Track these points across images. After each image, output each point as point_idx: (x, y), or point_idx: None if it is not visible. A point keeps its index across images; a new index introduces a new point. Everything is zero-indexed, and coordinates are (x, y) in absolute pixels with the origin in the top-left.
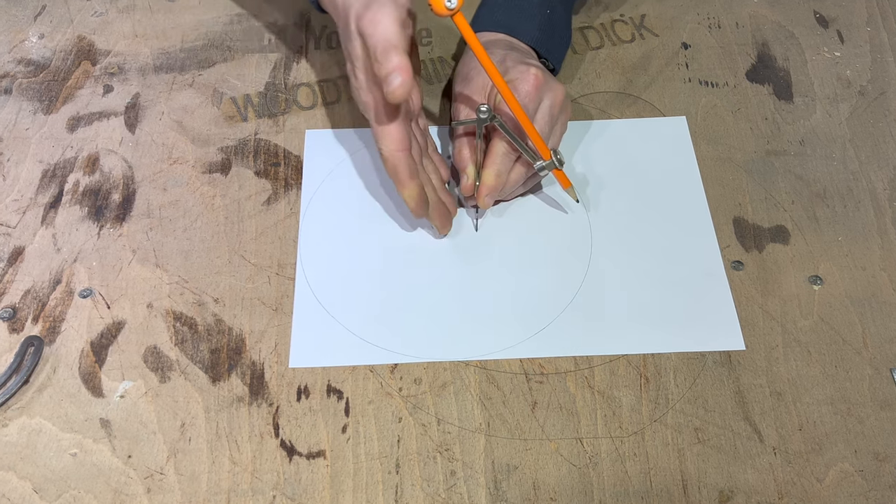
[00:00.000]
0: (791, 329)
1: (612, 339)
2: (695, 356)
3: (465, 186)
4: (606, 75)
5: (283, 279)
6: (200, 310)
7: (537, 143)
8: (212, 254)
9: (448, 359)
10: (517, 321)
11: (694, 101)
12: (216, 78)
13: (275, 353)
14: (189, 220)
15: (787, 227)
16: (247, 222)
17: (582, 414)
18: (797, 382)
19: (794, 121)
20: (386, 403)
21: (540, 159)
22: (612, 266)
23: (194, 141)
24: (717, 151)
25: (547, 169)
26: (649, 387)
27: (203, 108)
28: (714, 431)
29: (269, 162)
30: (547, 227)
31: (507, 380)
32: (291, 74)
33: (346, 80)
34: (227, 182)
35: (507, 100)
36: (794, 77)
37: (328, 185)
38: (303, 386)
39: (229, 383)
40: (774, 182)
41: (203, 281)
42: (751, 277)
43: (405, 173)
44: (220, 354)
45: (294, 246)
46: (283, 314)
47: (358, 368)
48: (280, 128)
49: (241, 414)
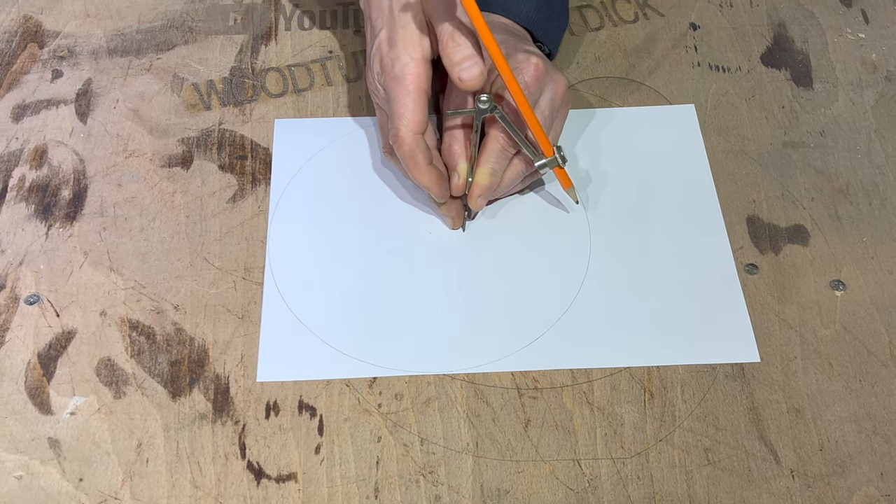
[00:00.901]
0: (811, 339)
1: (613, 350)
2: (704, 369)
3: (457, 185)
4: (607, 59)
5: (251, 284)
6: (159, 318)
7: (540, 138)
8: (171, 256)
9: (432, 372)
10: (508, 330)
11: (703, 87)
12: (176, 62)
13: (241, 365)
14: (146, 218)
15: (806, 227)
16: (210, 221)
17: (580, 433)
18: (817, 398)
19: (813, 109)
20: (364, 421)
21: (541, 156)
22: (613, 270)
23: (152, 132)
24: (729, 143)
25: (548, 167)
26: (654, 403)
27: (162, 96)
28: (726, 452)
29: (234, 155)
30: (541, 227)
31: (497, 395)
32: (259, 58)
33: (321, 64)
34: (189, 177)
35: (512, 91)
36: (813, 61)
37: (300, 180)
38: (272, 402)
39: (191, 399)
40: (792, 177)
41: (162, 286)
42: (766, 282)
43: (424, 157)
44: (180, 367)
45: (262, 247)
46: (251, 323)
47: (333, 383)
48: (247, 117)
49: (204, 433)
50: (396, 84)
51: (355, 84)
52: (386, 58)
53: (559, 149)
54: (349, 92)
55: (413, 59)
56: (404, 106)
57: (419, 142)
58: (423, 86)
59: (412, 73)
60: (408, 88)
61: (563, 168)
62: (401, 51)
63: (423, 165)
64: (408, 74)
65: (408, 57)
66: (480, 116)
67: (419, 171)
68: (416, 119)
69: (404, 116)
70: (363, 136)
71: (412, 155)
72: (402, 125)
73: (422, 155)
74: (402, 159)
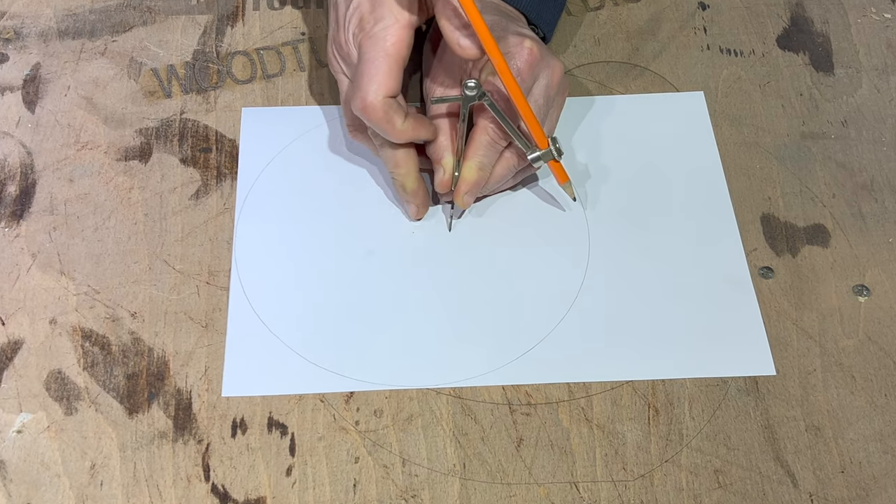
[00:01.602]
0: (831, 350)
1: (613, 362)
2: (714, 383)
3: (442, 181)
4: (608, 42)
5: (215, 289)
6: (114, 326)
7: (534, 128)
8: (128, 258)
9: (415, 386)
10: (499, 340)
11: (713, 73)
12: (133, 45)
13: (205, 378)
14: (101, 217)
15: (826, 226)
16: (171, 220)
17: (577, 453)
18: (839, 414)
19: (835, 97)
20: (340, 440)
21: (535, 148)
22: (614, 274)
23: (107, 122)
24: (742, 134)
25: (542, 160)
26: (659, 420)
27: (117, 82)
28: (738, 474)
29: (197, 147)
30: (535, 227)
31: (486, 411)
32: (225, 41)
33: (293, 47)
34: (147, 171)
35: (502, 75)
36: (835, 44)
37: (270, 174)
38: (239, 419)
39: (149, 416)
40: (811, 171)
41: (118, 291)
42: (782, 287)
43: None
44: (138, 381)
45: (228, 249)
46: (215, 332)
47: (306, 398)
48: (211, 106)
49: (164, 453)
50: (374, 44)
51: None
52: (368, 16)
53: (554, 140)
54: (324, 78)
55: (398, 21)
56: (377, 67)
57: (392, 104)
58: (403, 53)
59: (394, 36)
60: (386, 50)
61: (559, 162)
62: (386, 11)
63: (399, 126)
64: (389, 36)
65: (392, 18)
66: (468, 104)
67: (397, 132)
68: (389, 85)
69: (375, 78)
70: (339, 126)
71: (387, 118)
72: (373, 88)
73: (397, 116)
74: (375, 126)
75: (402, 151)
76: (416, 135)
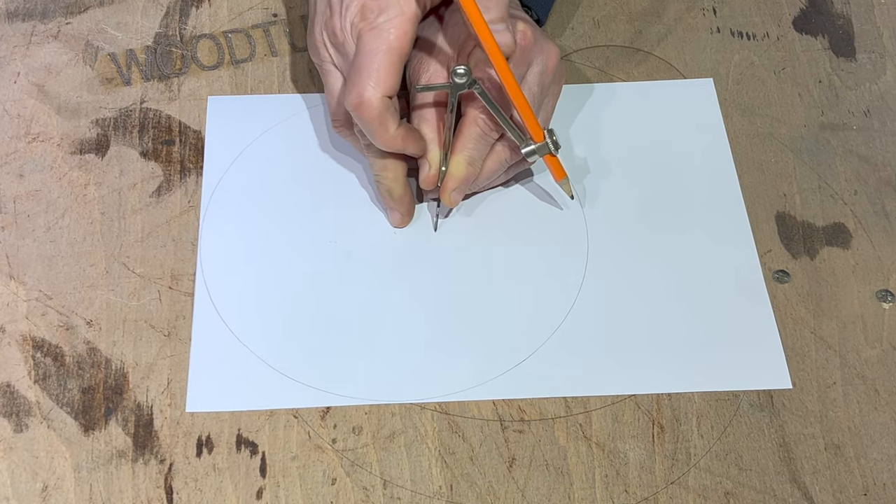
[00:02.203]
0: (853, 361)
1: (614, 374)
2: (725, 397)
3: (428, 177)
4: (608, 24)
5: (179, 295)
6: (69, 335)
7: (528, 119)
8: (83, 261)
9: (397, 400)
10: (489, 351)
11: (724, 58)
12: (89, 27)
13: (167, 392)
14: (53, 216)
15: (847, 226)
16: (130, 219)
17: (575, 473)
18: (861, 431)
19: (856, 84)
20: (315, 460)
21: (529, 141)
22: (615, 278)
23: (60, 111)
24: (756, 125)
25: (538, 154)
26: (664, 437)
27: (72, 68)
28: (751, 497)
29: (159, 139)
30: (529, 227)
31: (475, 428)
32: (190, 22)
33: (263, 30)
34: (105, 166)
35: (494, 61)
36: (857, 26)
37: (238, 169)
38: (204, 436)
39: (107, 433)
40: (831, 166)
41: (72, 297)
42: (799, 293)
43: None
44: (94, 395)
45: (193, 251)
46: (179, 341)
47: (278, 413)
48: (174, 94)
49: (123, 473)
50: (376, 36)
51: (305, 54)
52: (372, 4)
53: (551, 133)
54: (297, 64)
55: (404, 13)
56: (379, 62)
57: (388, 106)
58: (406, 48)
59: (399, 29)
60: (390, 44)
61: (556, 156)
62: (392, 0)
63: (391, 133)
64: (393, 28)
65: (398, 9)
66: (456, 93)
67: (387, 139)
68: (389, 82)
69: (375, 74)
70: (314, 117)
71: (381, 120)
72: (371, 84)
73: (392, 121)
74: (366, 126)
75: (390, 154)
76: (404, 146)
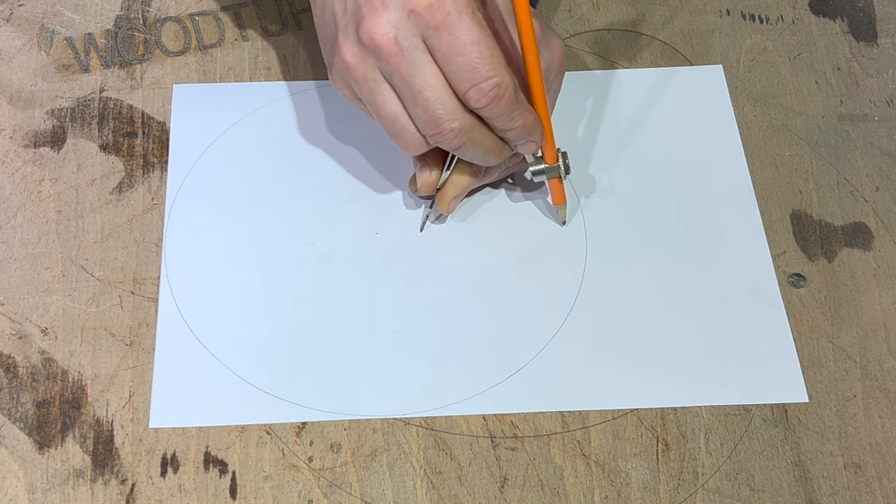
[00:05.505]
0: (875, 372)
1: (615, 387)
2: (735, 412)
3: (428, 182)
4: (608, 6)
5: (142, 300)
6: (21, 345)
7: (547, 142)
8: (38, 264)
9: (379, 415)
10: (479, 361)
11: (735, 42)
12: (44, 9)
13: (129, 406)
14: (5, 215)
15: (868, 226)
16: (89, 219)
17: (572, 494)
18: (883, 449)
19: (878, 72)
20: (290, 479)
21: (540, 161)
22: (616, 282)
23: (13, 101)
24: (769, 116)
25: (546, 175)
26: (670, 455)
27: (25, 54)
28: None
29: (120, 131)
30: (522, 228)
31: (464, 445)
32: (154, 4)
33: (233, 13)
34: (61, 160)
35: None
36: (878, 8)
37: (207, 164)
38: (170, 454)
39: (63, 451)
40: (851, 160)
41: (25, 303)
42: (816, 298)
43: None
44: (49, 409)
45: (158, 252)
46: (142, 351)
47: (249, 429)
48: (137, 82)
49: (81, 494)
50: (460, 22)
51: (279, 39)
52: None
53: (564, 155)
54: (271, 49)
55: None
56: (486, 46)
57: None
58: None
59: (471, 10)
60: (481, 23)
61: (564, 182)
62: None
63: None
64: (469, 11)
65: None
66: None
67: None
68: (502, 58)
69: (491, 58)
70: (289, 107)
71: (520, 97)
72: (495, 67)
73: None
74: (504, 112)
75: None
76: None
